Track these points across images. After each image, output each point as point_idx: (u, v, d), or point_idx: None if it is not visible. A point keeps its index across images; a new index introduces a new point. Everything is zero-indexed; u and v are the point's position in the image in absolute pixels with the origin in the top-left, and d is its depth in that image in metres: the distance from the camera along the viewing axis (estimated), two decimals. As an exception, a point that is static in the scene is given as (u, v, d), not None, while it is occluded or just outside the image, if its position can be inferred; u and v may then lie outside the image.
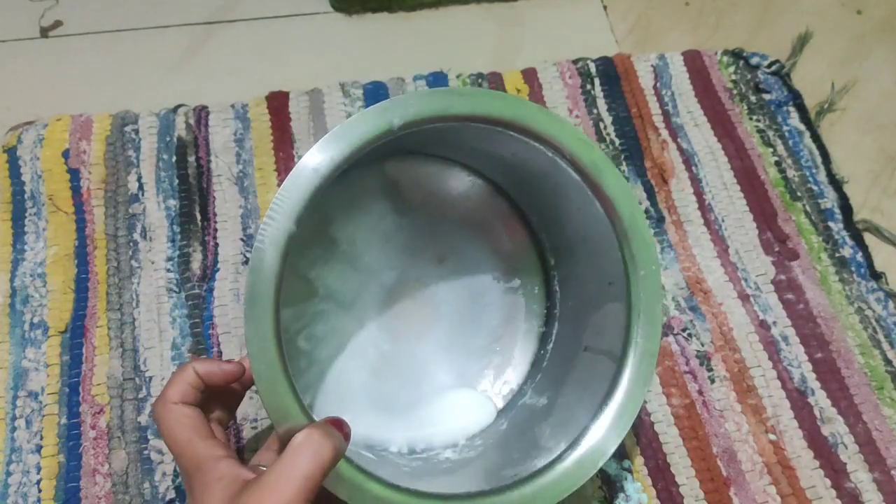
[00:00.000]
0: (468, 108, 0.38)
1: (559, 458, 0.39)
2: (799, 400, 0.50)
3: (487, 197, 0.49)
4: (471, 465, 0.42)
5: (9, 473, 0.46)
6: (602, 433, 0.39)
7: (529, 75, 0.61)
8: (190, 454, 0.32)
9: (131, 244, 0.53)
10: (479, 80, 0.61)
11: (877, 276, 0.55)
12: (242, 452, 0.47)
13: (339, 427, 0.33)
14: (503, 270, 0.49)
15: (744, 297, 0.53)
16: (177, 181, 0.55)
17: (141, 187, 0.55)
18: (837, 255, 0.56)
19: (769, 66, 0.63)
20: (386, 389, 0.45)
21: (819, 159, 0.60)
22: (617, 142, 0.59)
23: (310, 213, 0.35)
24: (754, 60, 0.64)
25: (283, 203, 0.35)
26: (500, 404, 0.47)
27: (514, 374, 0.47)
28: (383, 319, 0.46)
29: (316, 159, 0.36)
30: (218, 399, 0.38)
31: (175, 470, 0.46)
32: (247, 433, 0.47)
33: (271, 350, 0.34)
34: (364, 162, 0.43)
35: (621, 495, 0.47)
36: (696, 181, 0.58)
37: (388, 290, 0.46)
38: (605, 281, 0.43)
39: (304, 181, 0.35)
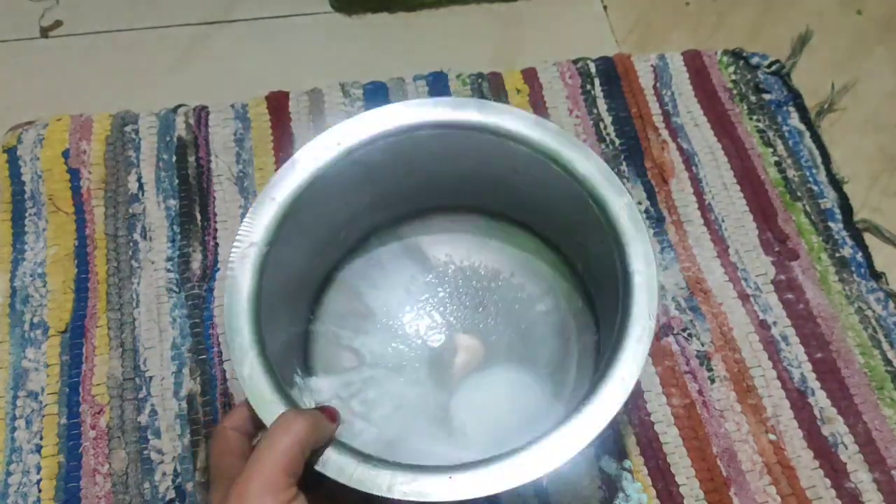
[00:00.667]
0: (419, 117, 0.40)
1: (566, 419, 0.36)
2: (799, 400, 0.50)
3: (506, 230, 0.49)
4: None
5: (9, 473, 0.46)
6: (614, 374, 0.36)
7: (529, 75, 0.61)
8: (217, 463, 0.34)
9: (131, 244, 0.53)
10: (479, 80, 0.61)
11: (877, 276, 0.55)
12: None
13: (323, 411, 0.34)
14: (543, 297, 0.48)
15: (744, 297, 0.53)
16: (177, 181, 0.55)
17: (141, 187, 0.55)
18: (837, 255, 0.56)
19: (769, 66, 0.63)
20: (454, 441, 0.44)
21: (819, 159, 0.60)
22: (617, 142, 0.59)
23: (275, 236, 0.39)
24: (754, 60, 0.64)
25: (249, 226, 0.39)
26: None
27: (579, 393, 0.46)
28: (437, 375, 0.46)
29: (275, 189, 0.39)
30: None
31: (175, 470, 0.46)
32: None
33: (255, 358, 0.36)
34: (380, 230, 0.47)
35: (621, 495, 0.47)
36: (696, 181, 0.58)
37: (435, 349, 0.47)
38: (598, 241, 0.41)
39: (265, 208, 0.39)
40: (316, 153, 0.40)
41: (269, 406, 0.35)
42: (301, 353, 0.45)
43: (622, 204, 0.39)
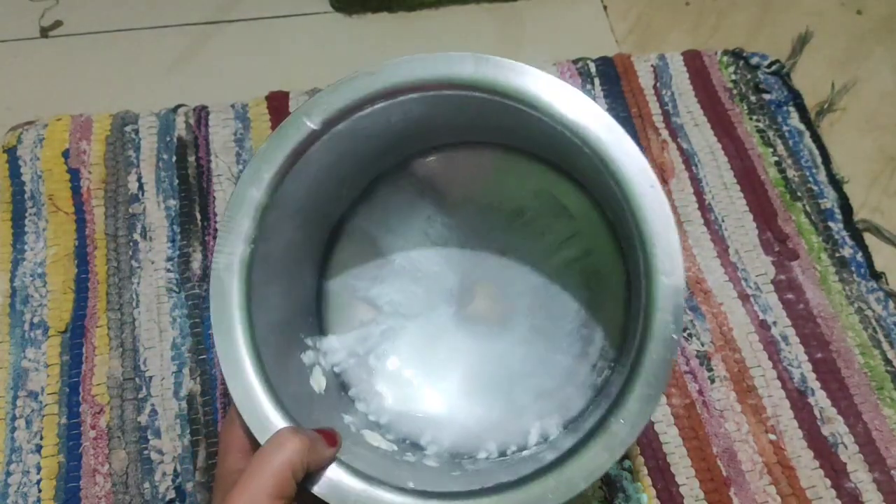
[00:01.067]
0: (390, 80, 0.38)
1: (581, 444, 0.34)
2: (799, 400, 0.50)
3: (526, 168, 0.44)
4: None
5: (9, 473, 0.46)
6: (630, 401, 0.33)
7: (529, 75, 0.61)
8: (221, 464, 0.33)
9: (131, 244, 0.53)
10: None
11: (877, 276, 0.55)
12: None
13: (322, 434, 0.33)
14: (571, 243, 0.44)
15: (744, 297, 0.53)
16: (177, 181, 0.55)
17: (141, 187, 0.55)
18: (837, 255, 0.56)
19: (769, 66, 0.63)
20: (469, 396, 0.43)
21: (819, 159, 0.60)
22: (617, 142, 0.59)
23: (259, 233, 0.36)
24: (754, 60, 0.64)
25: (229, 225, 0.36)
26: (591, 393, 0.42)
27: (604, 356, 0.42)
28: (457, 322, 0.44)
29: (251, 181, 0.36)
30: None
31: (175, 470, 0.46)
32: (247, 433, 0.47)
33: (245, 368, 0.34)
34: (388, 171, 0.44)
35: (621, 495, 0.47)
36: (696, 181, 0.58)
37: (455, 294, 0.44)
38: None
39: (245, 200, 0.36)
40: (290, 133, 0.37)
41: (263, 423, 0.33)
42: (314, 314, 0.43)
43: (649, 193, 0.34)
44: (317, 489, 0.33)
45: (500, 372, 0.43)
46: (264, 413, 0.34)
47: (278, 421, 0.34)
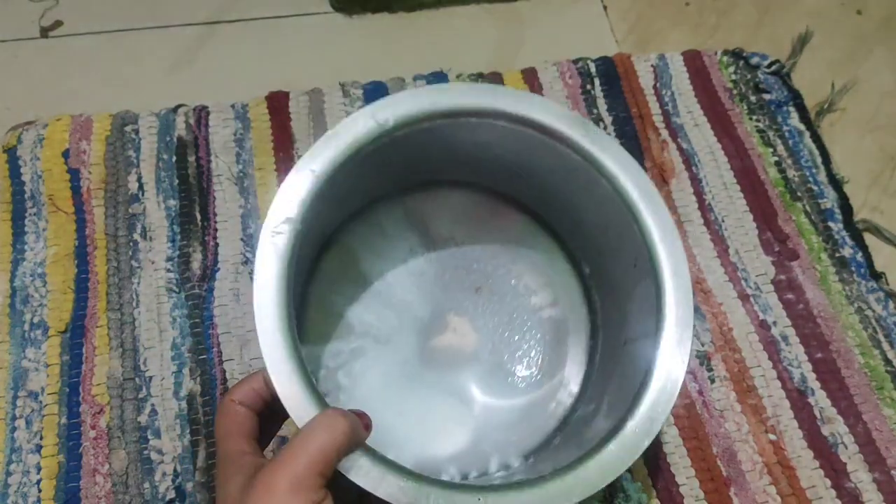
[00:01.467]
0: (467, 103, 0.40)
1: (600, 445, 0.36)
2: (799, 400, 0.50)
3: (511, 216, 0.49)
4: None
5: (9, 473, 0.46)
6: (644, 412, 0.36)
7: (529, 75, 0.61)
8: (224, 447, 0.33)
9: (131, 244, 0.53)
10: (479, 80, 0.61)
11: (877, 276, 0.55)
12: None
13: (359, 417, 0.33)
14: (541, 291, 0.48)
15: (744, 297, 0.53)
16: (177, 181, 0.55)
17: (141, 187, 0.55)
18: (837, 255, 0.56)
19: (769, 66, 0.63)
20: (430, 422, 0.44)
21: (819, 159, 0.60)
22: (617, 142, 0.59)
23: (312, 213, 0.37)
24: (754, 60, 0.64)
25: (285, 198, 0.37)
26: (554, 425, 0.45)
27: (566, 393, 0.46)
28: (423, 353, 0.46)
29: (312, 161, 0.38)
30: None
31: (175, 470, 0.46)
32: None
33: (281, 343, 0.34)
34: (385, 197, 0.48)
35: (621, 495, 0.47)
36: (696, 181, 0.58)
37: (424, 324, 0.47)
38: (630, 264, 0.41)
39: (302, 180, 0.37)
40: (355, 127, 0.39)
41: (301, 403, 0.34)
42: (295, 318, 0.45)
43: (669, 239, 0.40)
44: (349, 473, 0.33)
45: (461, 404, 0.45)
46: (303, 393, 0.34)
47: (311, 400, 0.34)
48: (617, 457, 0.35)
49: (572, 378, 0.46)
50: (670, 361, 0.37)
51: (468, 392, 0.45)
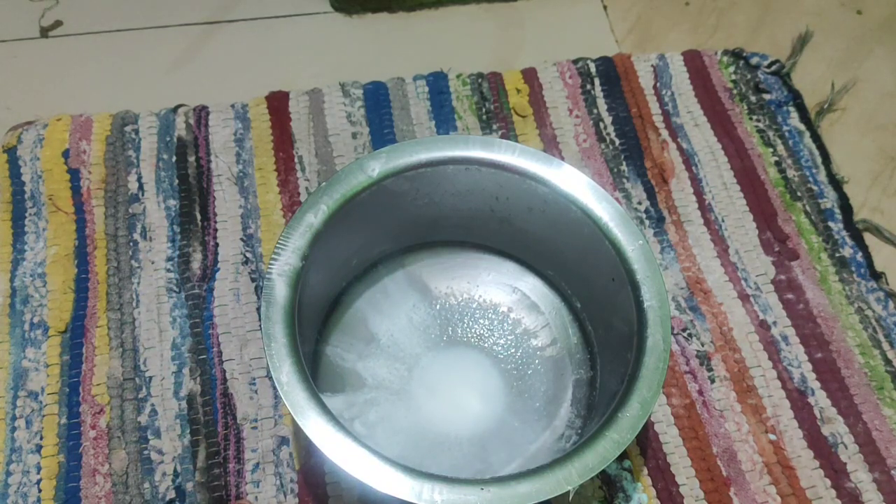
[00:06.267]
0: (450, 152, 0.45)
1: (592, 437, 0.38)
2: (799, 400, 0.50)
3: (507, 267, 0.52)
4: None
5: (9, 473, 0.46)
6: (632, 400, 0.39)
7: (529, 75, 0.61)
8: None
9: (131, 244, 0.53)
10: (479, 80, 0.61)
11: (877, 276, 0.55)
12: (242, 452, 0.47)
13: None
14: (539, 332, 0.50)
15: (744, 297, 0.53)
16: (177, 181, 0.55)
17: (141, 187, 0.55)
18: (837, 255, 0.56)
19: (769, 66, 0.63)
20: (444, 469, 0.45)
21: (819, 159, 0.60)
22: (617, 142, 0.59)
23: (311, 251, 0.41)
24: (754, 60, 0.64)
25: (287, 241, 0.41)
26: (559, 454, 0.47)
27: (572, 430, 0.48)
28: (434, 403, 0.48)
29: (312, 208, 0.42)
30: None
31: (175, 470, 0.46)
32: (247, 433, 0.47)
33: (291, 367, 0.38)
34: (385, 259, 0.51)
35: (621, 495, 0.47)
36: (696, 181, 0.58)
37: (433, 375, 0.49)
38: (609, 279, 0.44)
39: (303, 222, 0.42)
40: (351, 176, 0.43)
41: (306, 412, 0.36)
42: (310, 371, 0.46)
43: (637, 246, 0.43)
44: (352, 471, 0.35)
45: (474, 444, 0.47)
46: (307, 403, 0.37)
47: (317, 413, 0.37)
48: (613, 441, 0.37)
49: (576, 411, 0.48)
50: (657, 334, 0.40)
51: (482, 443, 0.47)
